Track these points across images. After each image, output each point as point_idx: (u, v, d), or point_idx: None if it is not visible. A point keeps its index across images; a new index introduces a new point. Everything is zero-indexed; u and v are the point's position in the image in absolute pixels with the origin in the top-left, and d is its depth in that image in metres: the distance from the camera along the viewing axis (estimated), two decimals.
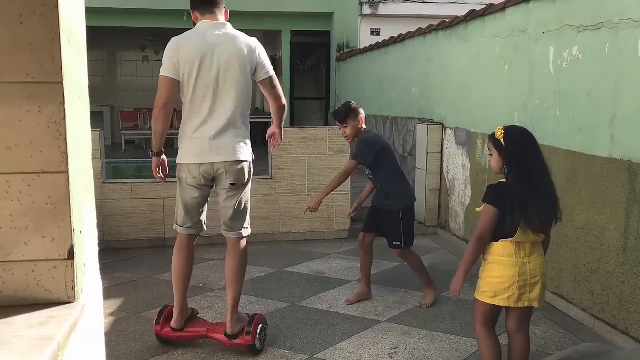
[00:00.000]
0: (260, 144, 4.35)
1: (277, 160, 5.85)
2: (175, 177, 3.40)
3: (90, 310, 1.58)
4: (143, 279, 4.76)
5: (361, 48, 10.23)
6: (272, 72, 3.39)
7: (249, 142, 3.38)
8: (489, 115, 5.11)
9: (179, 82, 3.20)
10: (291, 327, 3.77)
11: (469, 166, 5.46)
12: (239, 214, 3.37)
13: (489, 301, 2.71)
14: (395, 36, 8.15)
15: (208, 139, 3.22)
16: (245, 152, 3.32)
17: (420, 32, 7.04)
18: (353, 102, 4.24)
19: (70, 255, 1.47)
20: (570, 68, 3.90)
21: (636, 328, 3.29)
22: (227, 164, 3.25)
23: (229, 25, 3.30)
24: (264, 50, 3.38)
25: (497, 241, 2.69)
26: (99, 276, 1.77)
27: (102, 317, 1.82)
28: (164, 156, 3.45)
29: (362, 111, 4.16)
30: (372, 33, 10.63)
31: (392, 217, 4.09)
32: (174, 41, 3.25)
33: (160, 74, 3.22)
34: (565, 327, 3.73)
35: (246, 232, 3.43)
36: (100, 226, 5.43)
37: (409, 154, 7.25)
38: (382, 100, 8.77)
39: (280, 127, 3.64)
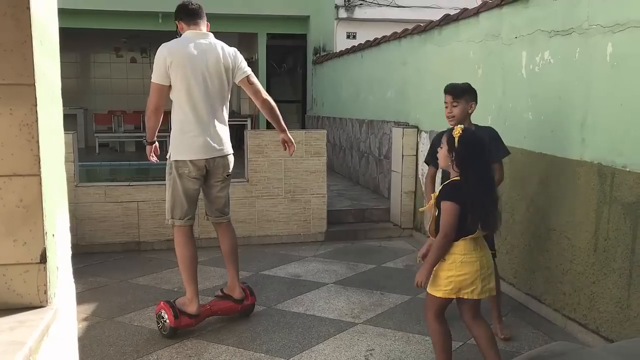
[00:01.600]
0: (236, 146, 4.40)
1: (253, 163, 5.84)
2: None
3: (63, 314, 1.57)
4: (117, 283, 4.71)
5: (337, 51, 10.27)
6: (250, 71, 3.82)
7: (229, 138, 3.85)
8: None
9: (169, 87, 3.58)
10: (267, 330, 3.76)
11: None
12: (229, 200, 3.94)
13: (454, 295, 2.82)
14: (371, 40, 8.20)
15: (206, 136, 3.63)
16: (230, 145, 3.84)
17: (396, 36, 7.10)
18: None
19: (43, 259, 1.45)
20: (542, 72, 3.97)
21: (606, 327, 3.35)
22: (226, 158, 3.78)
23: (211, 35, 3.74)
24: (241, 55, 3.83)
25: (456, 240, 2.77)
26: (72, 280, 1.75)
27: (76, 321, 1.80)
28: (156, 143, 3.92)
29: (476, 100, 3.68)
30: (348, 36, 10.69)
31: None
32: (164, 49, 3.57)
33: (152, 81, 3.59)
34: (538, 327, 3.79)
35: (230, 213, 3.99)
36: (74, 230, 5.36)
37: (384, 157, 7.30)
38: (358, 103, 8.82)
39: (283, 130, 3.97)
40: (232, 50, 3.76)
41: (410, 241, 6.10)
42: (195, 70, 3.55)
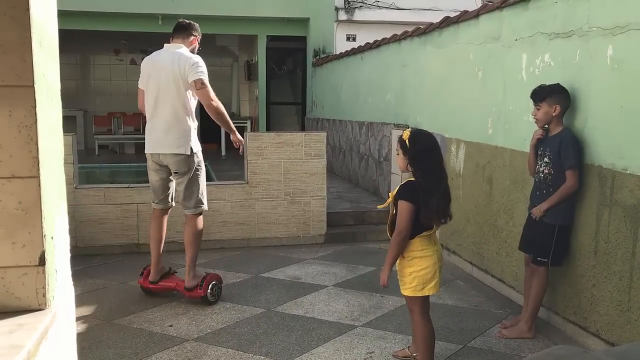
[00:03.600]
0: (236, 148, 4.51)
1: (253, 165, 5.83)
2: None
3: (61, 317, 1.56)
4: (116, 285, 4.70)
5: (337, 54, 10.27)
6: (198, 77, 4.03)
7: (190, 136, 4.13)
8: (463, 121, 5.16)
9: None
10: (267, 332, 3.75)
11: None
12: (188, 196, 4.21)
13: (419, 294, 2.99)
14: (371, 42, 8.20)
15: (155, 134, 4.14)
16: (184, 146, 4.09)
17: (396, 39, 7.10)
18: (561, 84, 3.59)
19: (42, 261, 1.44)
20: (542, 75, 3.97)
21: (606, 330, 3.34)
22: (169, 156, 4.11)
23: (182, 47, 4.17)
24: (200, 62, 4.08)
25: (413, 238, 2.94)
26: (71, 283, 1.74)
27: (74, 324, 1.79)
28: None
29: (564, 100, 3.55)
30: (347, 39, 10.68)
31: (546, 230, 3.59)
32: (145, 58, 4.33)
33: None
34: (539, 330, 3.78)
35: (199, 209, 4.25)
36: (73, 232, 5.35)
37: (384, 159, 7.29)
38: (358, 105, 8.81)
39: (232, 132, 4.37)
40: (185, 59, 4.07)
41: None
42: (151, 77, 4.15)
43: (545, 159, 3.60)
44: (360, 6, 10.58)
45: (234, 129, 4.35)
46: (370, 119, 8.04)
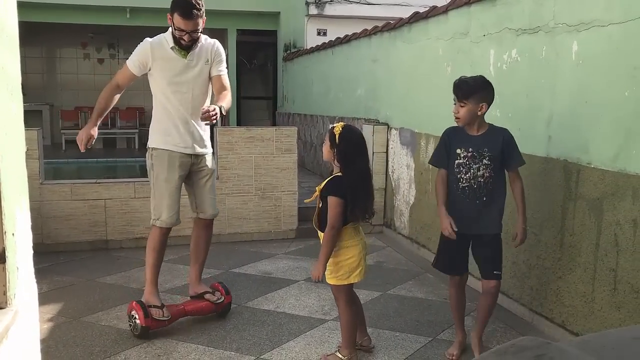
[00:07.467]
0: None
1: (223, 160, 5.79)
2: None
3: (23, 316, 1.52)
4: (84, 282, 4.62)
5: (308, 48, 10.25)
6: None
7: (152, 131, 3.77)
8: (433, 116, 5.20)
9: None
10: (237, 328, 3.74)
11: (414, 166, 5.55)
12: None
13: (346, 282, 3.11)
14: (342, 37, 8.21)
15: None
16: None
17: (366, 33, 7.11)
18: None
19: (2, 259, 1.41)
20: (510, 70, 4.02)
21: (571, 321, 3.41)
22: None
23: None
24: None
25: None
26: (34, 280, 1.70)
27: (38, 323, 1.75)
28: None
29: (491, 97, 3.17)
30: (318, 33, 10.68)
31: (493, 240, 3.29)
32: None
33: None
34: (506, 322, 3.84)
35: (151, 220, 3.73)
36: (39, 228, 5.25)
37: None
38: (329, 100, 8.82)
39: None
40: None
41: (380, 237, 6.13)
42: None
43: (485, 161, 3.14)
44: (331, 1, 10.58)
45: (96, 116, 3.64)
46: (341, 114, 8.05)
